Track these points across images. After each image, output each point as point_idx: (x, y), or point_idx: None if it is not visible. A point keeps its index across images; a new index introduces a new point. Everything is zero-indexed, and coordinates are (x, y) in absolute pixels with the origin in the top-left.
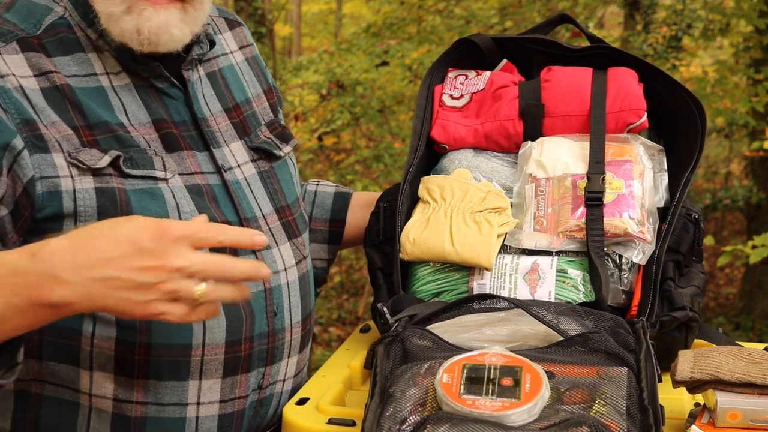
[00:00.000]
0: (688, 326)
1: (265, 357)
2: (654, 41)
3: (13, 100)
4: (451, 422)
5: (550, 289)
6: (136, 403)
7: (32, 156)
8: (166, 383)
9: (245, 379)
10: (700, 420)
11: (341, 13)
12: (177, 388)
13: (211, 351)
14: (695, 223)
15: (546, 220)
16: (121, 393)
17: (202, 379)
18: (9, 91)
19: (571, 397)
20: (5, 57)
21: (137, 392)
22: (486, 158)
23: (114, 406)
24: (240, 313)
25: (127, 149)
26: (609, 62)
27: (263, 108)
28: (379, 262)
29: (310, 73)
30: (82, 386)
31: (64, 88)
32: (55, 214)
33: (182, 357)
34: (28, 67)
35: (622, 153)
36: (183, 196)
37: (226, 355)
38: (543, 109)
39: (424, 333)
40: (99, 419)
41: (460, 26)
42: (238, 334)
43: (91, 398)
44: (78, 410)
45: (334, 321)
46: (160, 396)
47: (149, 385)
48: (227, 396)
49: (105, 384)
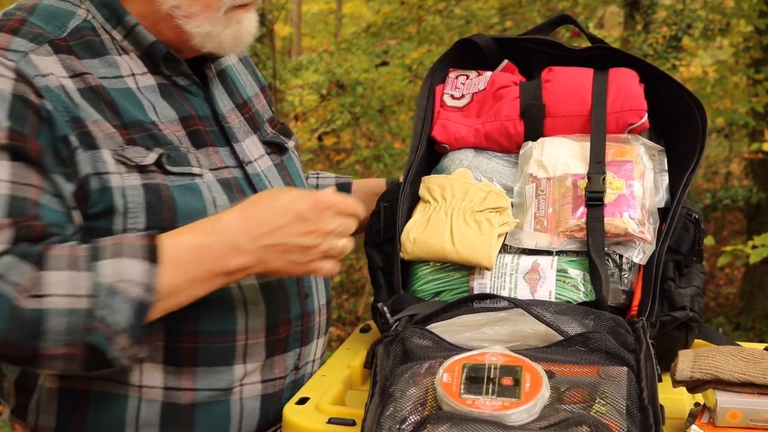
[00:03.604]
0: (688, 326)
1: (300, 338)
2: (654, 41)
3: (60, 97)
4: (451, 422)
5: (551, 288)
6: (185, 390)
7: (85, 152)
8: (213, 369)
9: (283, 360)
10: (700, 420)
11: (341, 13)
12: (224, 372)
13: (254, 335)
14: (695, 223)
15: (546, 219)
16: (170, 381)
17: (246, 363)
18: (54, 90)
19: (571, 396)
20: (42, 58)
21: (186, 380)
22: (487, 158)
23: (164, 395)
24: (276, 298)
25: (163, 147)
26: (610, 63)
27: (262, 106)
28: (379, 262)
29: (310, 73)
30: (132, 379)
31: (99, 89)
32: (106, 210)
33: (228, 342)
34: (63, 69)
35: (622, 153)
36: (217, 191)
37: (267, 338)
38: (544, 110)
39: (424, 332)
40: (149, 409)
41: (460, 26)
42: (276, 317)
43: (140, 390)
44: (127, 402)
45: (334, 321)
46: (208, 381)
47: (197, 372)
48: (268, 377)
49: (154, 374)
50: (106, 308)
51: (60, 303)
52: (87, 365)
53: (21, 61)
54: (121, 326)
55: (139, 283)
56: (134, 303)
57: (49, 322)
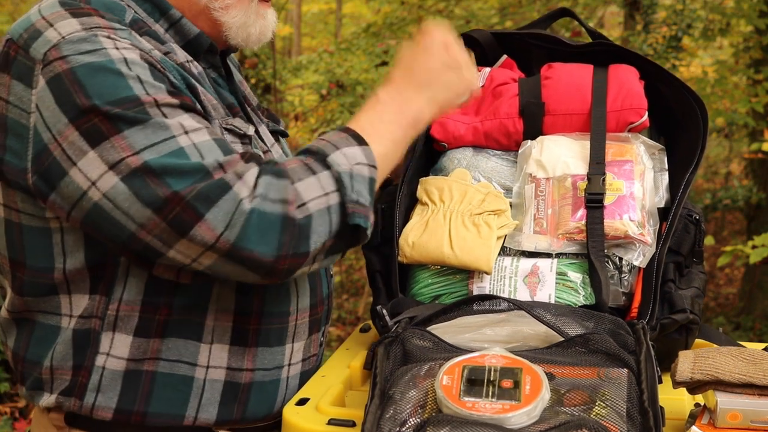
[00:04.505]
0: (689, 328)
1: (326, 316)
2: (654, 41)
3: (172, 69)
4: (451, 425)
5: (550, 292)
6: (246, 370)
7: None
8: (270, 349)
9: (317, 338)
10: (700, 421)
11: (341, 13)
12: (278, 352)
13: (302, 315)
14: (696, 224)
15: (546, 221)
16: (234, 362)
17: (294, 342)
18: (166, 62)
19: (571, 399)
20: (137, 36)
21: (248, 360)
22: (485, 157)
23: (227, 374)
24: (315, 278)
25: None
26: (610, 59)
27: (249, 93)
28: (377, 265)
29: (310, 73)
30: (200, 360)
31: (184, 66)
32: None
33: (283, 323)
34: (153, 48)
35: (622, 153)
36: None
37: (310, 317)
38: (543, 108)
39: (424, 334)
40: (212, 389)
41: (460, 26)
42: (315, 297)
43: (207, 370)
44: (192, 383)
45: (334, 321)
46: (266, 361)
47: (258, 352)
48: (307, 355)
49: (221, 354)
50: (354, 192)
51: (320, 204)
52: (347, 246)
53: (130, 37)
54: (369, 202)
55: (365, 164)
56: (368, 180)
57: (316, 221)
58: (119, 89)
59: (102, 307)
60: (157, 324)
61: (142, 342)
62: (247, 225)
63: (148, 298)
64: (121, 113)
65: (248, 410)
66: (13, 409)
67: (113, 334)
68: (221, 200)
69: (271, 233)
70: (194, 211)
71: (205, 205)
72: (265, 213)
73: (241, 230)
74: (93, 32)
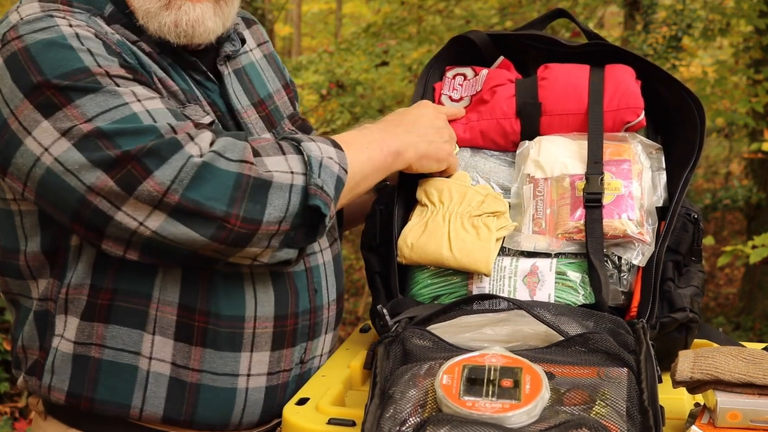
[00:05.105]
0: (688, 327)
1: (307, 332)
2: (654, 41)
3: (129, 52)
4: (451, 424)
5: (550, 291)
6: (192, 369)
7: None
8: (221, 353)
9: (290, 353)
10: (700, 420)
11: (341, 13)
12: (231, 358)
13: (262, 324)
14: (695, 222)
15: (545, 221)
16: (179, 358)
17: (253, 352)
18: (123, 45)
19: (571, 398)
20: (101, 23)
21: (194, 359)
22: (483, 158)
23: (172, 370)
24: (286, 290)
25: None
26: (606, 59)
27: (284, 102)
28: (376, 266)
29: (310, 73)
30: (143, 350)
31: (152, 56)
32: None
33: (237, 328)
34: (119, 36)
35: (620, 152)
36: None
37: (274, 329)
38: (540, 108)
39: (424, 333)
40: (156, 382)
41: (460, 26)
42: (285, 309)
43: (150, 361)
44: (137, 373)
45: None
46: (215, 365)
47: (206, 354)
48: (274, 369)
49: (165, 348)
50: (320, 179)
51: (283, 178)
52: (302, 239)
53: (88, 20)
54: (332, 196)
55: (336, 162)
56: (336, 178)
57: (274, 191)
58: (70, 62)
59: (55, 290)
60: (100, 308)
61: (86, 326)
62: (197, 177)
63: (93, 282)
64: (72, 84)
65: (198, 413)
66: (13, 409)
67: (65, 317)
68: (171, 158)
69: (221, 187)
70: (143, 167)
71: (155, 161)
72: (218, 168)
73: (190, 182)
74: (49, 13)
